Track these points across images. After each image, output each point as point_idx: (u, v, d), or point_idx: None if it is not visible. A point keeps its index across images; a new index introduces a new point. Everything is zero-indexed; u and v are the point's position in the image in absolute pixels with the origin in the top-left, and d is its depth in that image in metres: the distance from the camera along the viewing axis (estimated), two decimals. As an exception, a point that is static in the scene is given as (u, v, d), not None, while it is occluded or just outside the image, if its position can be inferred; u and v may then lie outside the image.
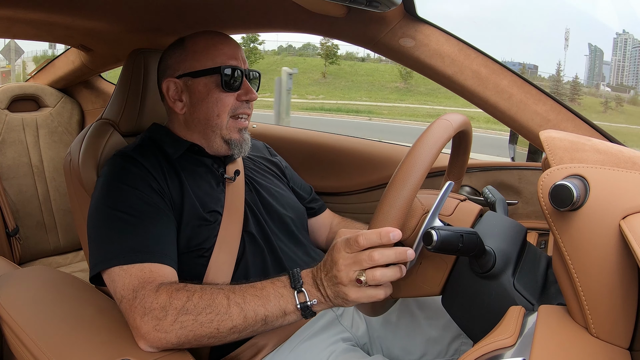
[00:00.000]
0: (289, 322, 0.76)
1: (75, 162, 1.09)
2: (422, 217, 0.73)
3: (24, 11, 1.15)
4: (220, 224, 0.93)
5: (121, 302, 0.78)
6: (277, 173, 1.18)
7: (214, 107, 0.98)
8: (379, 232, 0.66)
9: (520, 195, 1.27)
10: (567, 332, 0.55)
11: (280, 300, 0.74)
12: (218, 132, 1.00)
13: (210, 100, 0.98)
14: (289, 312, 0.74)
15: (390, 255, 0.67)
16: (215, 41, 1.00)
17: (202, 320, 0.73)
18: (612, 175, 0.54)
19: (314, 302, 0.73)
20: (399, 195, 0.65)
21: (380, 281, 0.68)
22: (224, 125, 0.99)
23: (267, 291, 0.75)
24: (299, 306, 0.73)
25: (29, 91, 2.01)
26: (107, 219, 0.85)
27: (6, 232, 1.82)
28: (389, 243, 0.66)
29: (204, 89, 0.98)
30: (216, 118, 0.99)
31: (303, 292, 0.73)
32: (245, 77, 1.00)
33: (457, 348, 0.94)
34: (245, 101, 1.00)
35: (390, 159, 1.47)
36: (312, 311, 0.74)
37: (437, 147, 0.69)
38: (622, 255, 0.51)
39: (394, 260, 0.67)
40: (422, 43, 0.99)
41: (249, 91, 1.00)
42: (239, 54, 1.01)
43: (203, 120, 1.00)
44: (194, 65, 0.99)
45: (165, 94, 1.02)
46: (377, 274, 0.67)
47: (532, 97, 0.96)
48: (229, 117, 1.00)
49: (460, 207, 0.77)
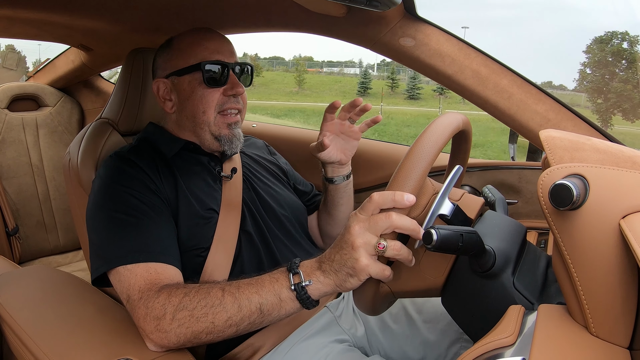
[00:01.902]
0: (287, 313, 0.72)
1: (74, 162, 1.09)
2: (432, 197, 0.73)
3: (24, 11, 1.15)
4: (217, 223, 0.93)
5: (127, 302, 0.78)
6: (276, 172, 1.18)
7: (199, 104, 0.97)
8: (394, 193, 0.64)
9: (520, 195, 1.27)
10: (567, 331, 0.55)
11: (275, 284, 0.72)
12: (207, 128, 0.99)
13: (195, 97, 0.97)
14: (284, 298, 0.71)
15: (407, 220, 0.64)
16: (199, 37, 0.99)
17: (197, 314, 0.72)
18: (612, 174, 0.54)
19: (309, 282, 0.69)
20: (416, 165, 0.65)
21: (399, 253, 0.65)
22: (212, 121, 0.98)
23: (263, 278, 0.74)
24: (292, 287, 0.70)
25: (29, 90, 2.01)
26: (107, 221, 0.85)
27: (6, 232, 1.82)
28: (403, 205, 0.63)
29: (189, 86, 0.98)
30: (202, 115, 0.98)
31: (299, 274, 0.71)
32: (232, 71, 0.98)
33: (457, 352, 0.93)
34: (232, 96, 0.98)
35: (391, 159, 1.47)
36: (310, 297, 0.70)
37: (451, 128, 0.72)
38: (622, 254, 0.51)
39: (410, 226, 0.64)
40: (422, 42, 0.99)
41: (234, 85, 0.98)
42: (224, 47, 0.99)
43: (191, 117, 0.99)
44: (178, 64, 0.98)
45: (156, 94, 1.03)
46: (397, 244, 0.65)
47: (532, 97, 0.96)
48: (217, 112, 0.98)
49: (466, 195, 0.78)
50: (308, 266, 0.71)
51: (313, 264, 0.71)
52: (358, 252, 0.65)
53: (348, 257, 0.66)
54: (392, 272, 0.68)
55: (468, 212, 0.73)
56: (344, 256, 0.66)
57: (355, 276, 0.66)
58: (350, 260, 0.66)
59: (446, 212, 0.68)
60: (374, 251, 0.65)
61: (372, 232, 0.65)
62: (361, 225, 0.65)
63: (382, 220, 0.64)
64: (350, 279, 0.67)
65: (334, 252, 0.68)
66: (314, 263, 0.71)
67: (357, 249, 0.65)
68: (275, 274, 0.74)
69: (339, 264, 0.67)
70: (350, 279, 0.67)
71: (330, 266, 0.68)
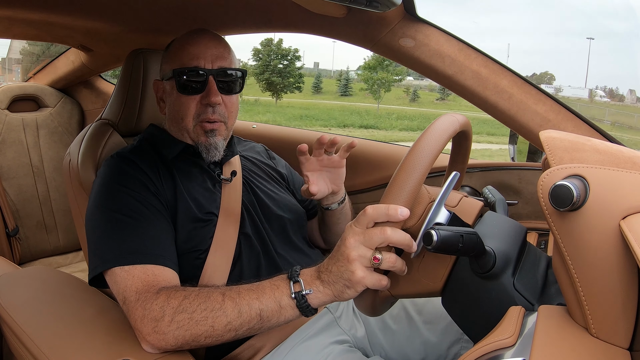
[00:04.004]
0: (286, 320, 0.73)
1: (74, 163, 1.09)
2: (429, 205, 0.73)
3: (24, 11, 1.15)
4: (215, 225, 0.93)
5: (124, 304, 0.78)
6: (275, 176, 1.18)
7: (178, 110, 0.97)
8: (387, 206, 0.64)
9: (520, 196, 1.27)
10: (567, 332, 0.55)
11: (276, 291, 0.72)
12: (187, 135, 0.99)
13: (175, 103, 0.97)
14: (284, 305, 0.71)
15: (402, 235, 0.64)
16: (186, 41, 0.97)
17: (197, 317, 0.72)
18: (612, 175, 0.54)
19: (309, 291, 0.69)
20: (410, 177, 0.64)
21: (394, 265, 0.65)
22: (191, 128, 0.97)
23: (264, 285, 0.74)
24: (293, 295, 0.70)
25: (29, 91, 2.01)
26: (106, 221, 0.85)
27: (6, 232, 1.82)
28: (397, 219, 0.63)
29: (170, 91, 0.98)
30: (181, 121, 0.97)
31: (299, 282, 0.71)
32: (214, 77, 0.93)
33: (457, 352, 0.93)
34: (208, 105, 0.94)
35: (391, 159, 1.47)
36: (310, 305, 0.71)
37: (446, 134, 0.69)
38: (622, 255, 0.50)
39: (404, 241, 0.64)
40: (422, 43, 0.99)
41: (210, 93, 0.92)
42: (206, 52, 0.94)
43: (174, 122, 1.00)
44: (166, 68, 0.99)
45: (156, 95, 1.05)
46: (392, 256, 0.65)
47: (532, 97, 0.96)
48: (195, 121, 0.96)
49: (464, 200, 0.78)
50: (308, 275, 0.72)
51: (313, 272, 0.72)
52: (353, 265, 0.66)
53: (344, 270, 0.66)
54: (389, 282, 0.68)
55: (465, 218, 0.73)
56: (340, 268, 0.67)
57: (352, 288, 0.67)
58: (346, 272, 0.66)
59: (442, 220, 0.68)
60: (369, 263, 0.66)
61: (367, 246, 0.65)
62: (356, 238, 0.66)
63: (377, 235, 0.64)
64: (347, 290, 0.68)
65: (332, 262, 0.69)
66: (314, 272, 0.72)
67: (353, 262, 0.66)
68: (276, 280, 0.74)
69: (336, 275, 0.68)
70: (347, 290, 0.67)
71: (328, 277, 0.69)
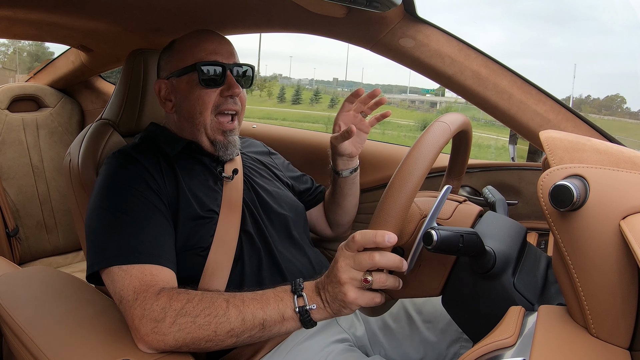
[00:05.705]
0: (287, 330, 0.75)
1: (74, 163, 1.09)
2: (420, 222, 0.73)
3: (24, 11, 1.15)
4: (217, 223, 0.93)
5: (121, 303, 0.78)
6: (274, 172, 1.19)
7: (196, 105, 0.98)
8: (375, 232, 0.66)
9: (520, 196, 1.27)
10: (567, 332, 0.55)
11: (280, 303, 0.74)
12: (203, 130, 1.00)
13: (192, 97, 0.98)
14: (287, 317, 0.73)
15: (390, 258, 0.67)
16: (198, 39, 1.00)
17: (200, 322, 0.73)
18: (612, 175, 0.54)
19: (312, 306, 0.72)
20: (396, 203, 0.64)
21: (384, 284, 0.68)
22: (208, 123, 0.99)
23: (267, 295, 0.75)
24: (297, 309, 0.73)
25: (29, 91, 2.01)
26: (106, 219, 0.85)
27: (6, 232, 1.82)
28: (384, 245, 0.65)
29: (186, 87, 0.98)
30: (199, 116, 0.98)
31: (303, 297, 0.73)
32: (230, 71, 0.98)
33: (456, 352, 0.93)
34: (229, 97, 0.99)
35: (390, 159, 1.47)
36: (312, 319, 0.73)
37: (434, 151, 0.67)
38: (622, 255, 0.51)
39: (393, 264, 0.67)
40: (422, 43, 0.99)
41: (231, 86, 0.98)
42: (222, 49, 0.99)
43: (189, 118, 1.00)
44: (178, 65, 1.00)
45: (157, 95, 1.04)
46: (382, 277, 0.68)
47: (532, 97, 0.96)
48: (214, 114, 0.99)
49: (459, 209, 0.77)
50: (310, 289, 0.74)
51: (313, 288, 0.74)
52: (345, 287, 0.69)
53: (338, 291, 0.70)
54: (383, 298, 0.71)
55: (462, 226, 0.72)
56: (334, 289, 0.70)
57: (347, 308, 0.71)
58: (339, 294, 0.70)
59: None
60: (360, 285, 0.69)
61: (357, 269, 0.68)
62: (347, 262, 0.69)
63: (365, 260, 0.67)
64: (343, 310, 0.71)
65: (327, 282, 0.72)
66: (314, 288, 0.74)
67: (344, 285, 0.69)
68: (280, 292, 0.75)
69: (332, 296, 0.71)
70: (343, 309, 0.71)
71: (326, 296, 0.72)
